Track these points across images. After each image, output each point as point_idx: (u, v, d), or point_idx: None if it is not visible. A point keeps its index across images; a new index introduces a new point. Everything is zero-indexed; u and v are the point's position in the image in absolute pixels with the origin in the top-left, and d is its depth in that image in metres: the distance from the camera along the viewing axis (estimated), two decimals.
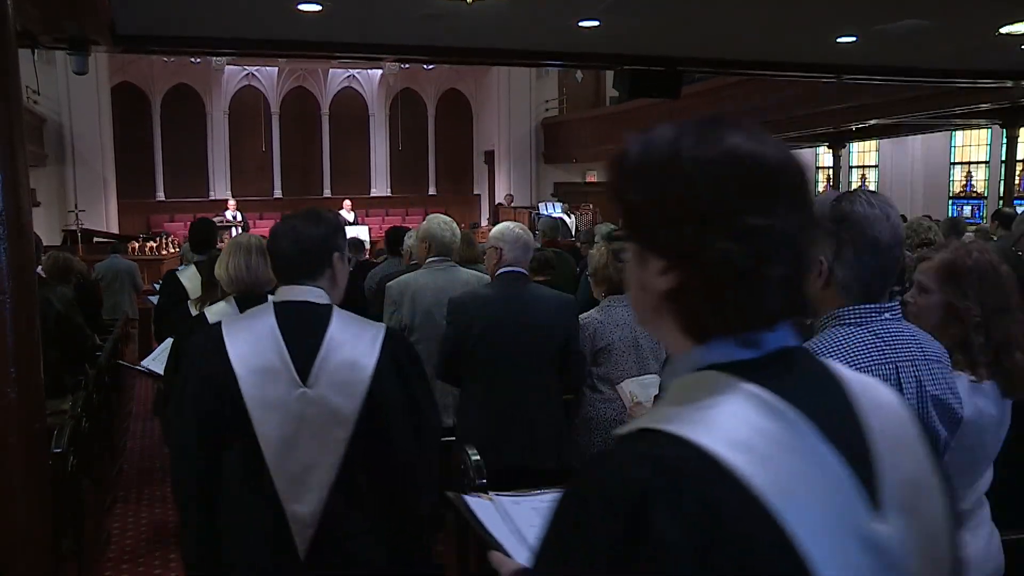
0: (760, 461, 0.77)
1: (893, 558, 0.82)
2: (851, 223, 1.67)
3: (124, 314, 8.95)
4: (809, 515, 0.77)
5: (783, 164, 0.86)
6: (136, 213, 18.23)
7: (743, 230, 0.81)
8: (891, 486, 0.85)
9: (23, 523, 2.77)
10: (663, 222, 0.85)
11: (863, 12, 5.64)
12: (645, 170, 0.88)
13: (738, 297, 0.84)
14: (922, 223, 5.50)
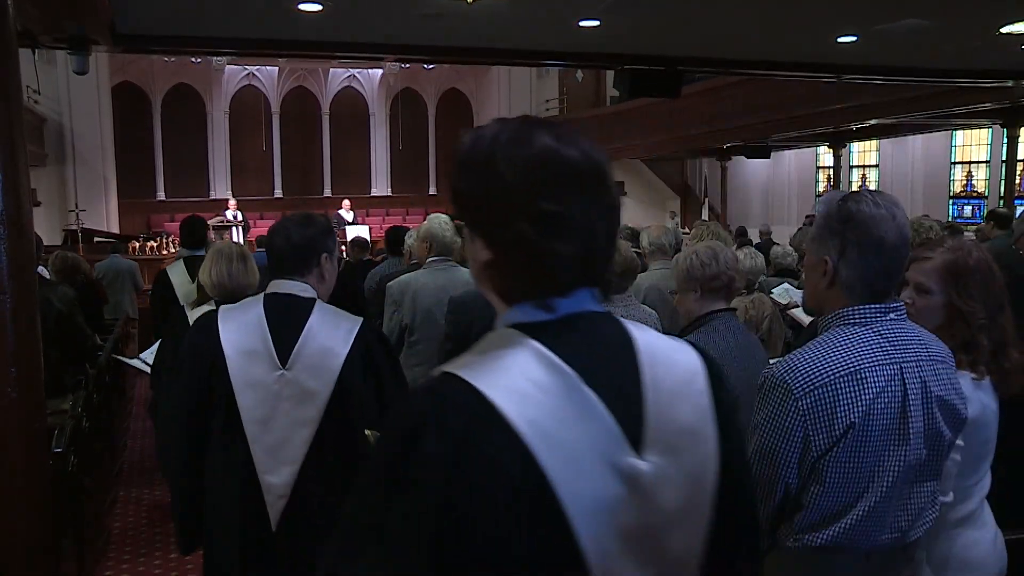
0: (523, 402, 0.96)
1: (645, 488, 1.00)
2: (856, 223, 1.67)
3: (124, 314, 8.95)
4: (562, 447, 0.96)
5: (582, 162, 1.04)
6: (136, 213, 18.23)
7: (537, 214, 0.99)
8: (655, 430, 1.02)
9: (23, 522, 2.77)
10: (481, 207, 1.05)
11: (863, 12, 5.64)
12: (469, 164, 1.05)
13: (533, 269, 1.03)
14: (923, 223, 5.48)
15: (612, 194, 1.07)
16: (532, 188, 1.01)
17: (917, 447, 1.66)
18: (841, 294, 1.71)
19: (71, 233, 13.91)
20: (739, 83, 13.25)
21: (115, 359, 6.04)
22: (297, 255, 2.34)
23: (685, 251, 2.88)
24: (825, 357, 1.64)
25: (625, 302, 3.77)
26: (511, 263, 1.04)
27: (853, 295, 1.69)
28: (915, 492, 1.71)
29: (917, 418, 1.66)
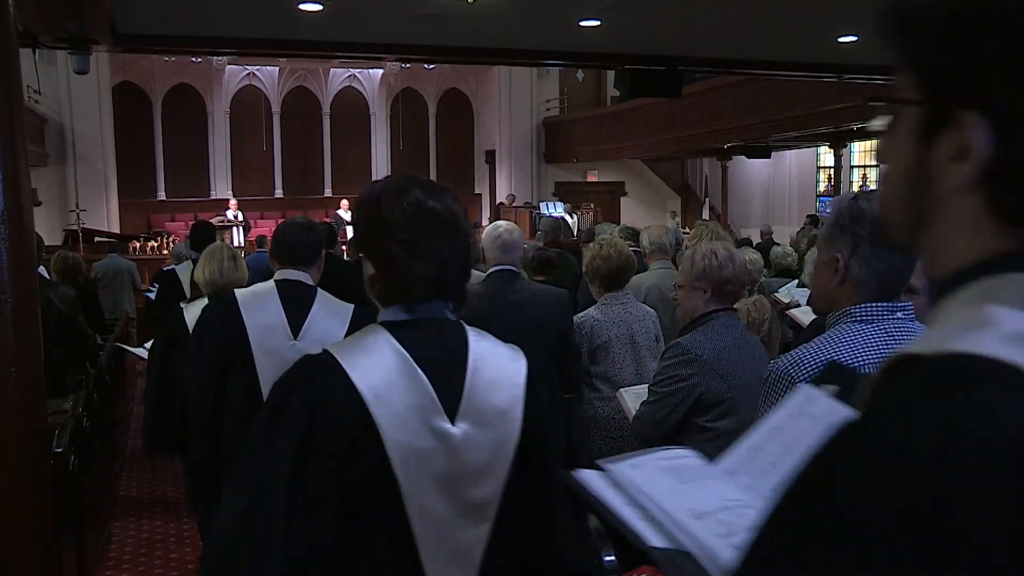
0: (368, 374, 1.38)
1: (454, 446, 1.40)
2: (868, 220, 1.68)
3: (124, 313, 8.96)
4: (390, 406, 1.37)
5: (442, 211, 1.45)
6: (137, 212, 18.23)
7: (404, 242, 1.41)
8: (468, 406, 1.43)
9: (24, 522, 2.77)
10: (367, 236, 1.48)
11: (864, 11, 5.63)
12: (363, 206, 1.49)
13: (400, 282, 1.44)
14: None
15: (464, 233, 1.49)
16: (402, 225, 1.42)
17: None
18: (852, 292, 1.71)
19: (72, 233, 13.91)
20: (739, 83, 13.25)
21: (118, 347, 6.33)
22: (304, 251, 2.83)
23: (702, 249, 2.85)
24: (829, 352, 1.66)
25: (623, 300, 3.78)
26: (386, 276, 1.45)
27: (865, 292, 1.70)
28: None
29: None
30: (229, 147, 19.92)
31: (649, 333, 3.78)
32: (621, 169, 20.10)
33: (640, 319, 3.74)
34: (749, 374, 2.73)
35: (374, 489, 1.35)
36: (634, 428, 2.92)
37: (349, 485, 1.34)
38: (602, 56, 7.28)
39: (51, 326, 4.16)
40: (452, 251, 1.45)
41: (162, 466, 6.11)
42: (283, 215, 19.49)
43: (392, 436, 1.35)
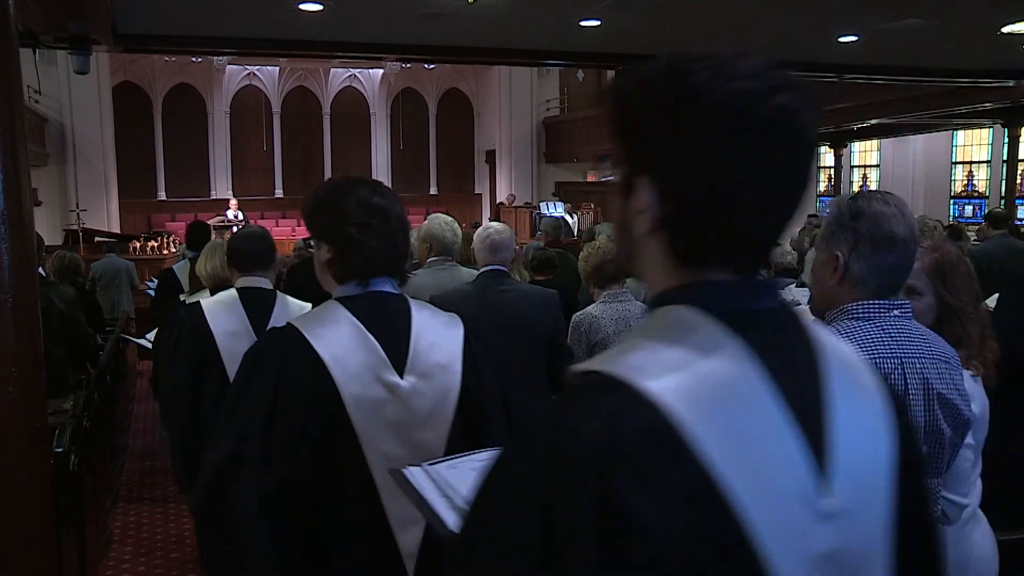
0: (329, 344, 1.65)
1: (403, 396, 1.70)
2: (867, 218, 1.69)
3: (124, 313, 8.96)
4: (345, 366, 1.64)
5: (385, 205, 1.75)
6: (137, 212, 18.23)
7: (358, 225, 1.70)
8: (414, 362, 1.71)
9: (24, 522, 2.77)
10: (327, 223, 1.75)
11: (865, 12, 5.64)
12: (321, 199, 1.78)
13: (355, 259, 1.72)
14: (927, 222, 5.49)
15: (403, 223, 1.80)
16: (355, 212, 1.71)
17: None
18: (851, 290, 1.72)
19: (72, 233, 13.91)
20: None
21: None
22: (259, 258, 3.09)
23: None
24: None
25: (620, 298, 3.80)
26: (343, 256, 1.73)
27: (864, 289, 1.71)
28: None
29: (917, 413, 1.67)
30: (229, 147, 19.92)
31: None
32: None
33: (637, 316, 3.78)
34: None
35: (336, 434, 1.63)
36: None
37: (314, 431, 1.61)
38: (602, 56, 7.29)
39: (52, 326, 4.17)
40: (395, 236, 1.77)
41: (163, 467, 6.11)
42: (283, 215, 19.52)
43: (348, 390, 1.63)
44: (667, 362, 0.78)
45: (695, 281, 0.85)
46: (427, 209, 17.40)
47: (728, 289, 0.84)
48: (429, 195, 21.14)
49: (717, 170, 0.81)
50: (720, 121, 0.80)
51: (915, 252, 1.74)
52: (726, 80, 0.80)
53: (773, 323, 0.87)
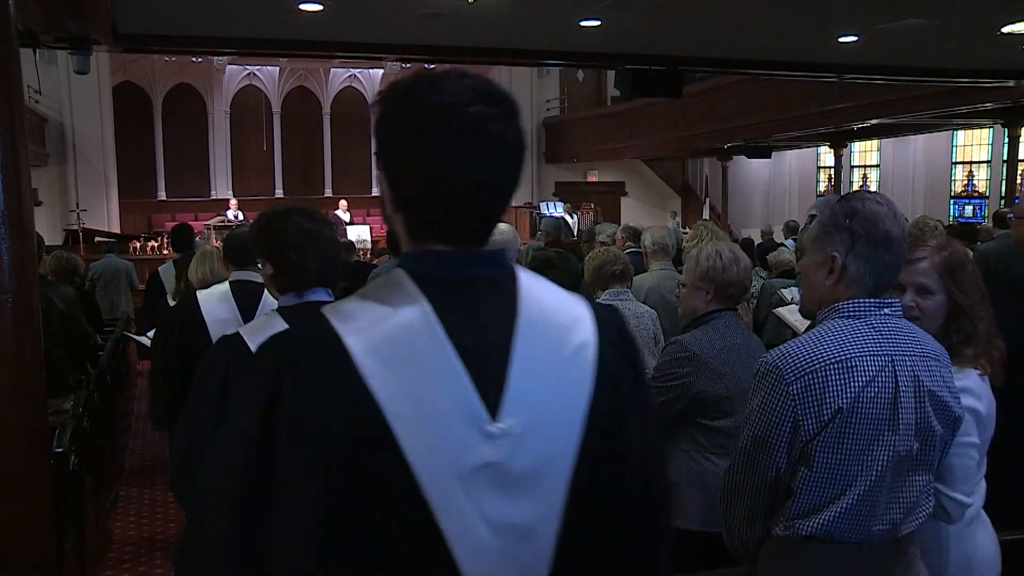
0: (257, 332, 2.00)
1: None
2: (863, 218, 1.71)
3: (124, 313, 8.96)
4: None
5: (315, 230, 2.12)
6: (137, 212, 18.24)
7: (295, 248, 2.09)
8: None
9: (24, 522, 2.77)
10: (272, 247, 2.14)
11: (865, 11, 5.64)
12: (264, 225, 2.19)
13: (294, 275, 2.12)
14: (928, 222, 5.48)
15: (333, 243, 2.21)
16: (292, 237, 2.09)
17: (907, 438, 1.68)
18: (847, 289, 1.74)
19: (72, 233, 13.91)
20: (740, 83, 13.24)
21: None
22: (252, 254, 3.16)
23: (707, 249, 2.85)
24: (817, 346, 1.69)
25: (622, 298, 3.82)
26: (284, 273, 2.13)
27: (861, 289, 1.73)
28: (907, 485, 1.73)
29: (908, 410, 1.68)
30: (229, 147, 19.92)
31: (648, 331, 3.80)
32: (621, 169, 20.09)
33: (639, 316, 3.80)
34: (749, 375, 2.73)
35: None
36: None
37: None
38: (602, 56, 7.28)
39: (52, 326, 4.17)
40: (327, 255, 2.14)
41: (163, 466, 6.11)
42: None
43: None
44: (367, 311, 1.03)
45: (414, 251, 1.08)
46: None
47: (439, 257, 1.06)
48: None
49: (425, 166, 1.02)
50: (427, 126, 1.01)
51: (905, 252, 1.77)
52: (435, 93, 1.01)
53: (477, 287, 1.06)
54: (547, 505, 1.04)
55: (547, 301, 1.10)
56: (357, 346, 1.00)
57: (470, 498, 1.00)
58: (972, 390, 1.93)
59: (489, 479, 1.01)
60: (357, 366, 0.99)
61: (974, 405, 1.91)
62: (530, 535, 1.03)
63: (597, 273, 3.89)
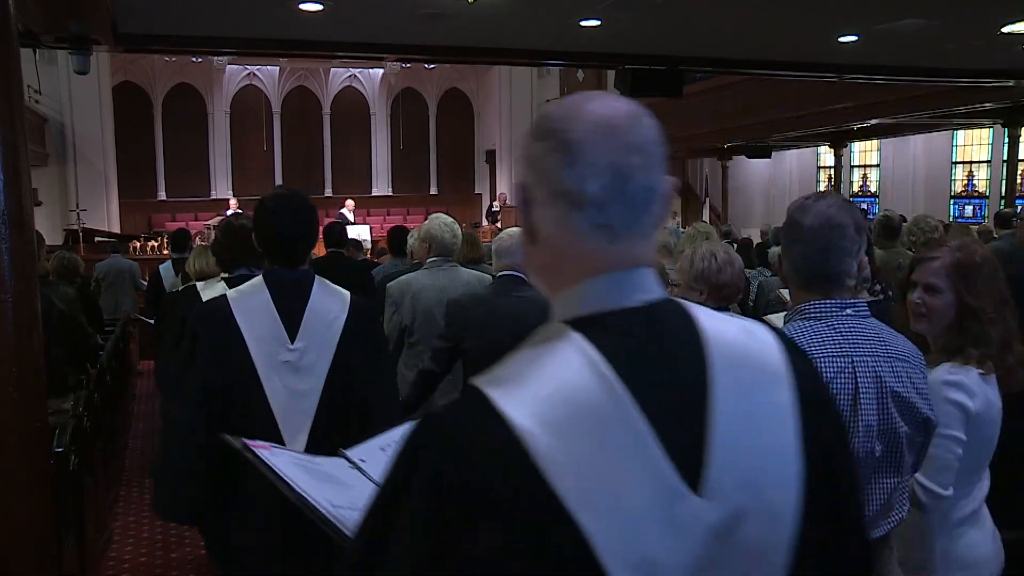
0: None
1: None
2: (788, 217, 1.79)
3: (126, 314, 8.95)
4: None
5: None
6: (138, 212, 18.24)
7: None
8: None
9: (24, 522, 2.77)
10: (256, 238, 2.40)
11: (865, 11, 5.64)
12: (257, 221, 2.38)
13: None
14: (928, 221, 5.48)
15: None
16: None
17: (867, 440, 1.68)
18: (796, 289, 1.80)
19: (72, 232, 13.91)
20: (740, 83, 13.24)
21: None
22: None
23: (702, 250, 2.85)
24: None
25: None
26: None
27: (794, 284, 1.79)
28: (874, 487, 1.72)
29: (869, 412, 1.68)
30: (229, 147, 19.92)
31: None
32: None
33: None
34: None
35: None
36: None
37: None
38: (602, 56, 7.28)
39: (52, 326, 4.17)
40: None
41: None
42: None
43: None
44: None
45: None
46: (427, 209, 17.39)
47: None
48: (429, 195, 21.14)
49: None
50: None
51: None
52: None
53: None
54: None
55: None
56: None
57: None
58: (963, 385, 1.93)
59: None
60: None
61: (961, 400, 1.91)
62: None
63: None
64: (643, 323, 0.88)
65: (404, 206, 20.36)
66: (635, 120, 0.99)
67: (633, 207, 0.91)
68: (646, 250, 0.93)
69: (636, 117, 0.99)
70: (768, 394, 0.89)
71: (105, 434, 5.25)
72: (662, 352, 0.87)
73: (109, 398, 5.61)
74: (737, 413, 0.86)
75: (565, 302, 0.91)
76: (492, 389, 0.82)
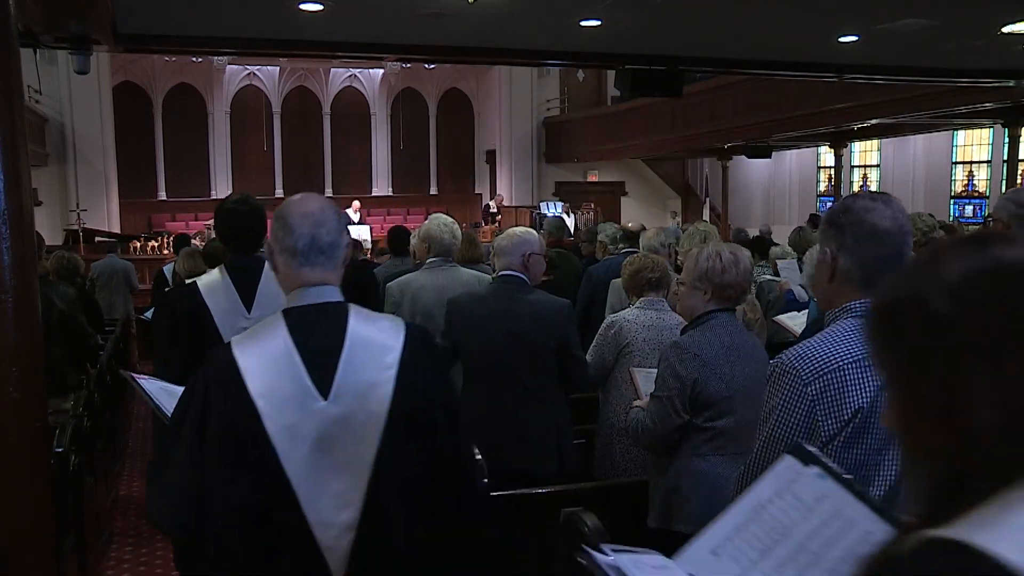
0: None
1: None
2: (852, 214, 1.74)
3: (126, 314, 8.94)
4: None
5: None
6: (138, 212, 18.23)
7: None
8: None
9: (25, 522, 2.77)
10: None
11: (865, 11, 5.64)
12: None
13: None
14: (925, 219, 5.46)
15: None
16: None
17: None
18: (844, 286, 1.75)
19: (72, 233, 13.91)
20: (740, 83, 13.23)
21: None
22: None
23: (707, 250, 2.83)
24: (833, 346, 1.68)
25: (657, 307, 3.68)
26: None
27: (851, 283, 1.74)
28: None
29: None
30: (229, 147, 19.91)
31: None
32: (621, 169, 20.09)
33: (672, 327, 3.54)
34: (746, 374, 2.73)
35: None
36: (635, 436, 2.90)
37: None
38: (602, 56, 7.28)
39: (52, 326, 4.17)
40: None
41: None
42: None
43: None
44: None
45: None
46: (427, 209, 17.38)
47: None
48: (429, 195, 21.13)
49: None
50: None
51: (906, 246, 1.75)
52: None
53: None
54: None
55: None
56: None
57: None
58: None
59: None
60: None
61: None
62: None
63: (633, 279, 3.73)
64: (316, 312, 1.78)
65: (404, 206, 20.35)
66: (323, 209, 1.82)
67: (321, 255, 1.78)
68: (330, 276, 1.80)
69: (323, 209, 1.82)
70: (378, 356, 1.76)
71: (105, 434, 5.26)
72: (321, 326, 1.77)
73: (109, 398, 5.62)
74: (355, 362, 1.74)
75: (289, 300, 1.81)
76: (238, 348, 1.77)
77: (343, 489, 1.71)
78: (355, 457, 1.72)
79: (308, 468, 1.69)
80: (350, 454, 1.72)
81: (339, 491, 1.71)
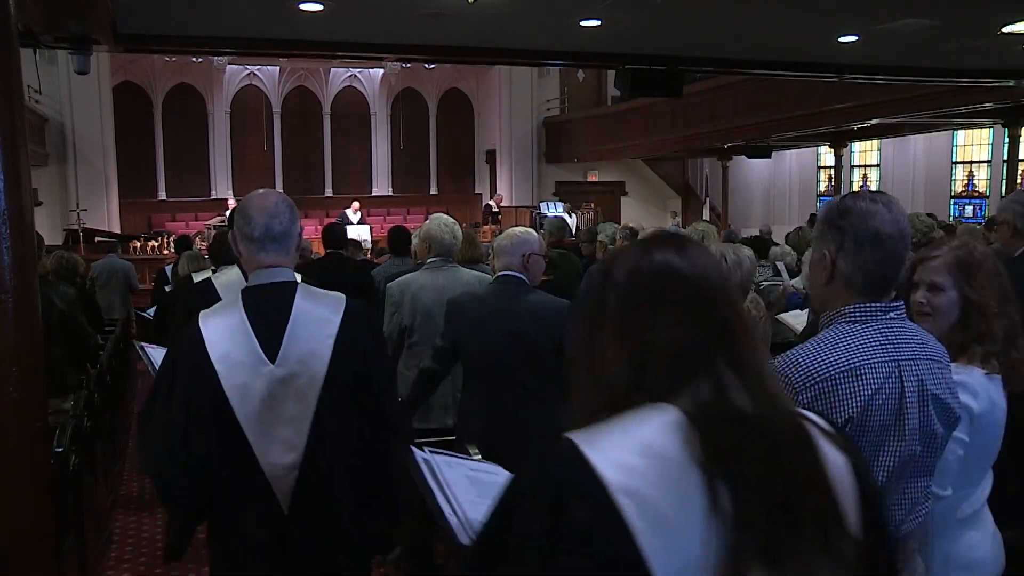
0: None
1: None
2: (853, 216, 1.70)
3: (126, 314, 8.92)
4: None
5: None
6: (138, 212, 18.24)
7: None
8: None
9: (24, 522, 2.77)
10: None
11: (865, 11, 5.64)
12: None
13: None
14: (925, 220, 5.46)
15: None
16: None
17: (912, 443, 1.68)
18: (841, 290, 1.72)
19: (72, 233, 13.91)
20: (740, 83, 13.24)
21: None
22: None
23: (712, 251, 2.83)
24: (826, 353, 1.66)
25: None
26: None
27: (852, 288, 1.71)
28: (909, 487, 1.73)
29: (913, 415, 1.68)
30: (229, 147, 19.92)
31: None
32: (621, 169, 20.09)
33: None
34: None
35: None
36: None
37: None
38: (602, 56, 7.28)
39: (52, 326, 4.17)
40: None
41: None
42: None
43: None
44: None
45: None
46: (427, 209, 17.40)
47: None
48: (429, 195, 21.13)
49: None
50: None
51: (905, 250, 1.73)
52: None
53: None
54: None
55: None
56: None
57: None
58: (968, 386, 1.92)
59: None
60: None
61: (965, 401, 1.90)
62: None
63: None
64: (269, 290, 2.12)
65: (404, 206, 20.35)
66: (277, 203, 2.15)
67: (275, 241, 2.12)
68: (283, 259, 2.14)
69: (277, 203, 2.15)
70: (320, 326, 2.12)
71: (105, 434, 5.25)
72: (271, 303, 2.11)
73: (109, 398, 5.61)
74: (299, 332, 2.09)
75: (249, 280, 2.16)
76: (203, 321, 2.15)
77: (288, 437, 2.09)
78: (298, 412, 2.10)
79: (258, 420, 2.07)
80: (294, 409, 2.10)
81: (285, 439, 2.09)
